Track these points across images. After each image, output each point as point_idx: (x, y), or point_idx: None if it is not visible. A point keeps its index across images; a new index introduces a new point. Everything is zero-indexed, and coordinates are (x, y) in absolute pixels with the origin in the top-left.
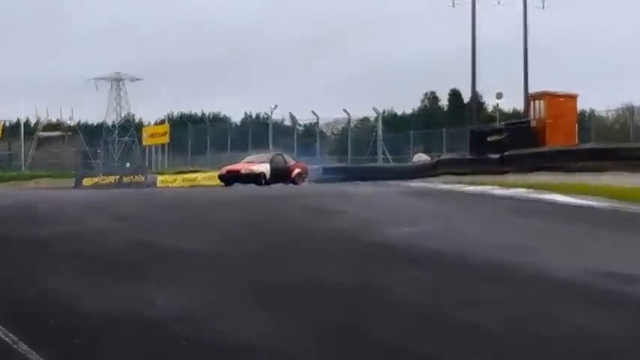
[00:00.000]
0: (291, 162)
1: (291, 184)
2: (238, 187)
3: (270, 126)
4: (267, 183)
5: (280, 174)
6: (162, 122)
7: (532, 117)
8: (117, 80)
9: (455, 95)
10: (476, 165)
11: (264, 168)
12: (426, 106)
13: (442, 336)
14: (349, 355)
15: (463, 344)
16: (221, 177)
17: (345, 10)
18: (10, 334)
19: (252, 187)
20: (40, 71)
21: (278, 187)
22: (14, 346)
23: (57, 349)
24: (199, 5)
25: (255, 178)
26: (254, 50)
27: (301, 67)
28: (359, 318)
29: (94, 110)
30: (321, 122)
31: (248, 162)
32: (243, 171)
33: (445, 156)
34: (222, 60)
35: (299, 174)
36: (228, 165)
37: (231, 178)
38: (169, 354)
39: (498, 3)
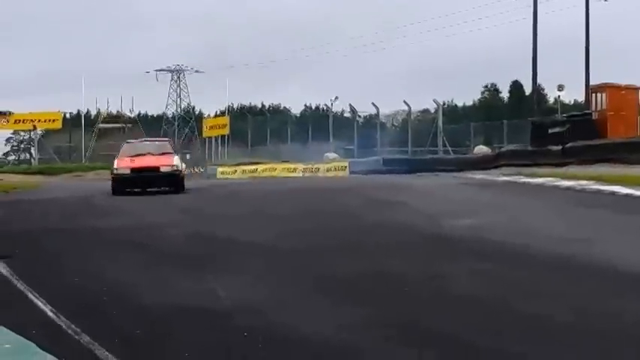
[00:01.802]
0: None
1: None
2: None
3: (331, 117)
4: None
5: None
6: (222, 114)
7: (593, 109)
8: (177, 72)
9: (516, 87)
10: (537, 157)
11: (179, 163)
12: (486, 97)
13: (507, 329)
14: (413, 348)
15: (528, 337)
16: (120, 178)
17: (405, 3)
18: (73, 326)
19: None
20: (101, 63)
21: (316, 179)
22: (76, 337)
23: (119, 340)
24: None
25: (176, 179)
26: (315, 43)
27: (361, 59)
28: (422, 310)
29: (154, 102)
30: (381, 114)
31: (143, 154)
32: (163, 168)
33: (506, 148)
34: (283, 52)
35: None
36: (127, 158)
37: (139, 181)
38: (231, 345)
39: None
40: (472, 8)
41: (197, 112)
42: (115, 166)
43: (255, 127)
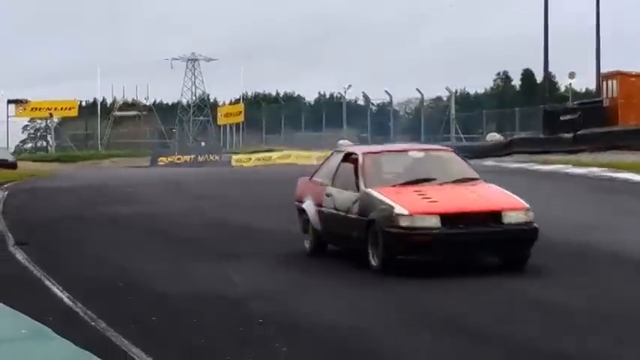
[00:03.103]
0: None
1: None
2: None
3: (344, 105)
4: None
5: None
6: (237, 102)
7: (604, 96)
8: (192, 60)
9: (527, 75)
10: (549, 144)
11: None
12: (498, 85)
13: (519, 315)
14: (426, 333)
15: (542, 323)
16: (420, 238)
17: None
18: (89, 312)
19: None
20: (116, 51)
21: None
22: (92, 323)
23: (134, 326)
24: None
25: (531, 241)
26: (329, 31)
27: (375, 47)
28: (436, 298)
29: (169, 90)
30: (394, 102)
31: (426, 179)
32: (509, 216)
33: (518, 135)
34: (297, 41)
35: None
36: (408, 191)
37: (466, 244)
38: (245, 332)
39: None
40: None
41: (212, 100)
42: (400, 209)
43: (270, 114)
